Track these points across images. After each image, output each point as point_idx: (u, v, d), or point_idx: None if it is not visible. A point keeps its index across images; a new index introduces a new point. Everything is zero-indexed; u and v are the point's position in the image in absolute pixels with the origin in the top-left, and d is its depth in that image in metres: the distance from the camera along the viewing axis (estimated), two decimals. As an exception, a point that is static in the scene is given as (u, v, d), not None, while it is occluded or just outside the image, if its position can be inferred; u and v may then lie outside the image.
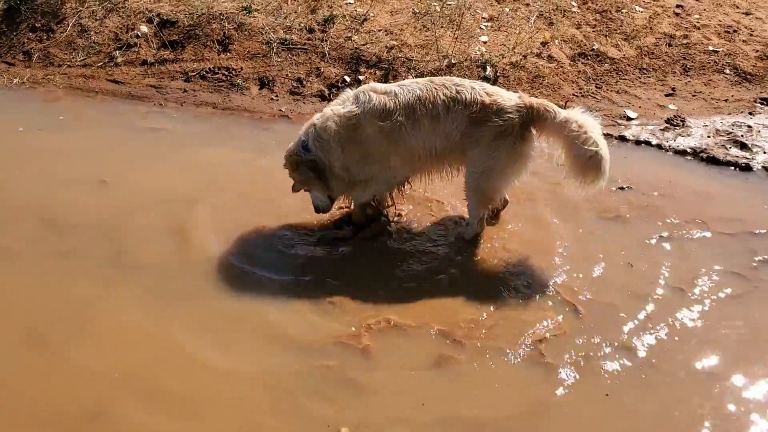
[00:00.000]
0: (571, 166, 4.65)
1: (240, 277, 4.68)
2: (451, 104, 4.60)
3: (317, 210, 5.06)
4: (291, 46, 7.35)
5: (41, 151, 6.04)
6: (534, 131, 4.64)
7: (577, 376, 3.98)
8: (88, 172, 5.71)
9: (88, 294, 4.56)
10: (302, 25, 7.58)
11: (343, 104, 4.77)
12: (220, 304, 4.48)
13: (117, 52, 7.49)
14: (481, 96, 4.60)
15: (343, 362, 4.06)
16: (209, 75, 7.18)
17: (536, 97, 6.53)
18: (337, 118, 4.71)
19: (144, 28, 7.62)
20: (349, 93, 4.83)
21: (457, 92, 4.62)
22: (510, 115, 4.56)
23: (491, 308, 4.43)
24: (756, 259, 4.85)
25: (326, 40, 7.37)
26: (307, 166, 4.83)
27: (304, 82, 7.05)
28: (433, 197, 5.39)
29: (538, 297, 4.53)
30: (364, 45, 7.31)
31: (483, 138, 4.60)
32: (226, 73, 7.18)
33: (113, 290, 4.58)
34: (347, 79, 7.00)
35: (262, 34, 7.45)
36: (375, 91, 4.70)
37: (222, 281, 4.65)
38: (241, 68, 7.21)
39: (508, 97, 4.65)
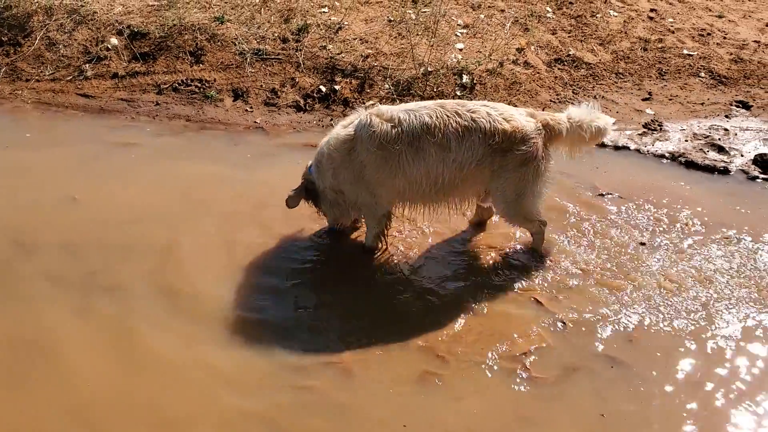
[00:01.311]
0: (579, 147, 4.76)
1: (218, 297, 4.55)
2: (466, 134, 4.39)
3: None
4: (265, 56, 7.24)
5: (8, 169, 5.83)
6: (549, 147, 4.60)
7: (563, 389, 3.93)
8: (58, 189, 5.53)
9: (59, 317, 4.40)
10: (276, 34, 7.47)
11: (346, 126, 4.64)
12: (196, 325, 4.34)
13: (87, 65, 7.32)
14: (501, 124, 4.41)
15: (325, 382, 3.96)
16: (182, 87, 7.04)
17: (515, 104, 6.55)
18: (334, 141, 4.61)
19: (114, 41, 7.46)
20: (359, 113, 4.63)
21: (473, 120, 4.41)
22: (534, 140, 4.46)
23: (474, 322, 4.37)
24: (736, 262, 4.85)
25: (300, 50, 7.28)
26: (305, 186, 4.88)
27: (279, 93, 6.95)
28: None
29: (520, 309, 4.48)
30: (339, 54, 7.23)
31: (508, 166, 4.48)
32: (199, 84, 7.05)
33: (84, 313, 4.43)
34: (323, 88, 6.91)
35: (235, 44, 7.34)
36: (379, 116, 4.50)
37: (199, 302, 4.52)
38: (215, 80, 7.08)
39: (526, 121, 4.49)
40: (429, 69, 7.00)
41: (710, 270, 4.79)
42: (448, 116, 4.42)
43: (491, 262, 4.88)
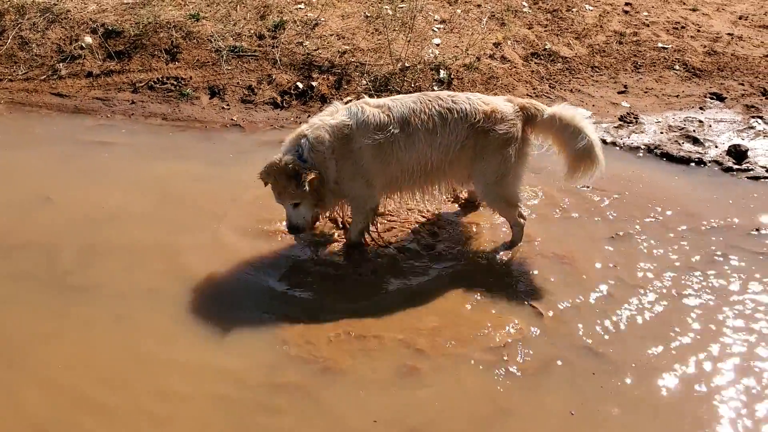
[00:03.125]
0: (566, 160, 4.70)
1: (195, 296, 4.52)
2: (449, 115, 4.50)
3: (295, 229, 4.63)
4: (241, 53, 7.21)
5: (-20, 171, 5.77)
6: (528, 131, 4.66)
7: (542, 381, 3.94)
8: (32, 189, 5.47)
9: (34, 317, 4.36)
10: (252, 31, 7.44)
11: (332, 115, 4.56)
12: (174, 325, 4.31)
13: (61, 64, 7.25)
14: (480, 106, 4.53)
15: (303, 377, 3.95)
16: (157, 85, 6.99)
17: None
18: (330, 129, 4.48)
19: (88, 39, 7.39)
20: (338, 105, 4.63)
21: (454, 102, 4.53)
22: (513, 121, 4.54)
23: (453, 315, 4.38)
24: (713, 253, 4.89)
25: (277, 47, 7.25)
26: (310, 182, 4.42)
27: (256, 90, 6.92)
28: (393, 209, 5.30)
29: (499, 301, 4.48)
30: (316, 50, 7.21)
31: (489, 147, 4.54)
32: (175, 82, 7.00)
33: (60, 312, 4.38)
34: (300, 85, 6.89)
35: (211, 41, 7.29)
36: (367, 104, 4.54)
37: (176, 301, 4.47)
38: (191, 77, 7.04)
39: (503, 104, 4.61)
40: (406, 64, 7.01)
41: (685, 261, 4.82)
42: (430, 101, 4.54)
43: (471, 256, 4.88)
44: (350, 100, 6.37)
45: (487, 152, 4.55)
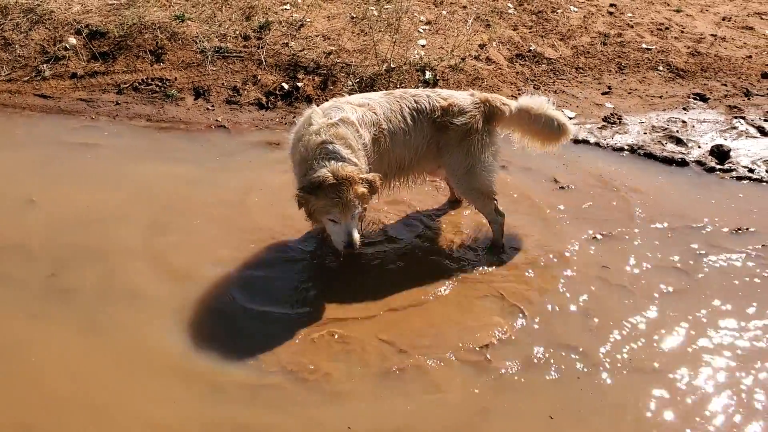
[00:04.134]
0: (533, 138, 4.88)
1: (179, 299, 4.49)
2: (415, 115, 4.59)
3: (354, 245, 4.20)
4: (226, 54, 7.19)
5: (-38, 172, 5.72)
6: (494, 125, 4.74)
7: (524, 382, 3.95)
8: (15, 191, 5.43)
9: (16, 319, 4.32)
10: (237, 32, 7.43)
11: (326, 115, 4.36)
12: (158, 327, 4.29)
13: (44, 65, 7.20)
14: (438, 101, 4.64)
15: (286, 379, 3.93)
16: (142, 86, 6.96)
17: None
18: (342, 124, 4.28)
19: (72, 40, 7.35)
20: (317, 108, 4.48)
21: (416, 102, 4.62)
22: (471, 113, 4.63)
23: (437, 315, 4.38)
24: (695, 252, 4.93)
25: (262, 47, 7.24)
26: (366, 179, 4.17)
27: (241, 91, 6.90)
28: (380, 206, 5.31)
29: (483, 301, 4.50)
30: (301, 51, 7.20)
31: (451, 141, 4.63)
32: (160, 83, 6.97)
33: (43, 315, 4.35)
34: (285, 86, 6.88)
35: (196, 42, 7.27)
36: (351, 103, 4.51)
37: (160, 304, 4.45)
38: (175, 78, 7.01)
39: (463, 97, 4.71)
40: (392, 65, 7.01)
41: (668, 260, 4.86)
42: (398, 101, 4.62)
43: (454, 255, 4.90)
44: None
45: (451, 146, 4.66)
